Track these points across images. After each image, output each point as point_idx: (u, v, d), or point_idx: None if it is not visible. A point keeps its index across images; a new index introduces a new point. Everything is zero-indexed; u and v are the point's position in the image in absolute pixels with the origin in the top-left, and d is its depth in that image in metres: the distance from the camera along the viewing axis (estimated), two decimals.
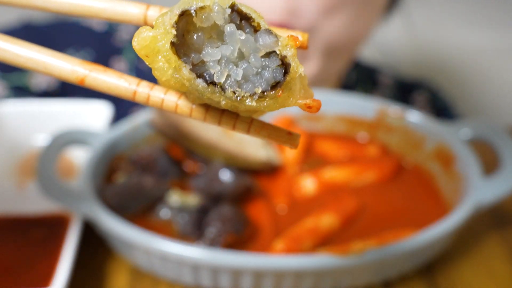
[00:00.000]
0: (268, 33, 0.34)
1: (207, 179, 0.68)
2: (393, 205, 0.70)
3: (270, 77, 0.34)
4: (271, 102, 0.34)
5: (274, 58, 0.34)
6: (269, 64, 0.34)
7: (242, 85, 0.34)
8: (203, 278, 0.60)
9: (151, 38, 0.34)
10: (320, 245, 0.64)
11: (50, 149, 0.66)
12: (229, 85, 0.34)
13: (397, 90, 1.14)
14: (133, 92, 0.39)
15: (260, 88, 0.34)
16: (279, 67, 0.34)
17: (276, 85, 0.34)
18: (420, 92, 1.14)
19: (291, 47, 0.34)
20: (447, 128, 0.73)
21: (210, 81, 0.34)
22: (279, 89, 0.34)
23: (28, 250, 0.63)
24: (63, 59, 0.40)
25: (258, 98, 0.34)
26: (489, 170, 0.80)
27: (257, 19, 0.34)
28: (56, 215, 0.67)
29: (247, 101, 0.34)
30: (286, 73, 0.34)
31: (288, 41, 0.34)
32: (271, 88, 0.34)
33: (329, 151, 0.77)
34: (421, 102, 1.13)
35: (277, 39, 0.34)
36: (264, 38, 0.34)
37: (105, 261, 0.67)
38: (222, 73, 0.34)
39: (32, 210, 0.68)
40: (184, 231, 0.63)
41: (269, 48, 0.34)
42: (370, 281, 0.62)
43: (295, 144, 0.39)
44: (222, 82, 0.34)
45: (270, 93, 0.34)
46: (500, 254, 0.69)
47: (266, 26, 0.34)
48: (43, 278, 0.59)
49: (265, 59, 0.34)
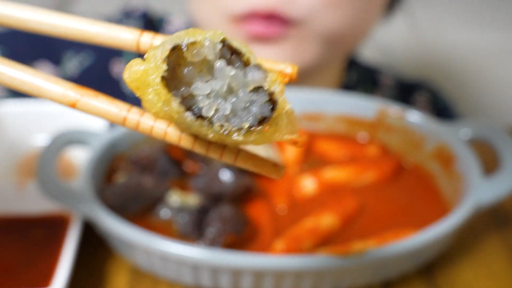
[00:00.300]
0: (257, 68, 0.35)
1: (207, 179, 0.68)
2: (393, 205, 0.70)
3: (258, 112, 0.35)
4: (257, 137, 0.35)
5: (262, 94, 0.35)
6: (257, 99, 0.35)
7: (230, 119, 0.35)
8: (203, 278, 0.60)
9: (142, 72, 0.35)
10: (320, 245, 0.64)
11: (50, 149, 0.66)
12: (217, 119, 0.35)
13: (398, 90, 1.14)
14: (123, 118, 0.40)
15: (248, 123, 0.35)
16: (267, 103, 0.35)
17: (263, 120, 0.35)
18: (421, 93, 1.14)
19: (279, 83, 0.35)
20: (447, 128, 0.73)
21: (199, 114, 0.35)
22: (266, 125, 0.35)
23: (28, 250, 0.63)
24: (56, 83, 0.41)
25: (245, 133, 0.35)
26: (489, 170, 0.80)
27: (247, 54, 0.35)
28: (56, 215, 0.67)
29: (234, 135, 0.35)
30: (273, 109, 0.35)
31: (277, 77, 0.35)
32: (258, 123, 0.35)
33: (329, 151, 0.77)
34: (422, 102, 1.13)
35: (265, 75, 0.35)
36: (253, 73, 0.35)
37: (105, 261, 0.67)
38: (210, 107, 0.35)
39: (32, 210, 0.68)
40: (184, 231, 0.63)
41: (258, 83, 0.35)
42: (370, 281, 0.62)
43: (280, 175, 0.40)
44: (210, 116, 0.35)
45: (257, 128, 0.35)
46: (500, 254, 0.69)
47: (256, 61, 0.35)
48: (43, 278, 0.59)
49: (254, 94, 0.35)
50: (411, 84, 1.16)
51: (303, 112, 0.80)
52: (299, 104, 0.80)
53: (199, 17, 0.90)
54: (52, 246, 0.63)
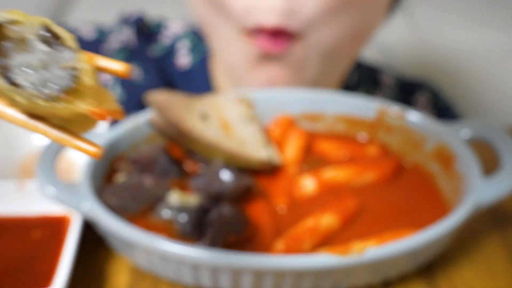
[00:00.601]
0: (71, 50, 0.41)
1: (207, 179, 0.68)
2: (393, 205, 0.70)
3: (64, 84, 0.41)
4: (62, 106, 0.40)
5: (71, 71, 0.41)
6: (66, 75, 0.41)
7: (40, 90, 0.40)
8: (203, 278, 0.60)
9: None
10: (320, 245, 0.64)
11: (50, 149, 0.66)
12: (28, 87, 0.40)
13: (398, 90, 1.14)
14: None
15: (50, 90, 0.40)
16: (74, 78, 0.41)
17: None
18: (421, 93, 1.14)
19: (87, 62, 0.41)
20: (447, 128, 0.73)
21: (12, 82, 0.40)
22: (66, 93, 0.40)
23: (28, 250, 0.63)
24: None
25: (49, 100, 0.40)
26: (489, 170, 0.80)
27: (67, 39, 0.41)
28: (56, 215, 0.67)
29: (40, 102, 0.40)
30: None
31: (85, 58, 0.41)
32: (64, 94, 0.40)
33: (329, 151, 0.78)
34: (423, 102, 1.13)
35: (76, 56, 0.41)
36: (66, 53, 0.41)
37: (105, 261, 0.67)
38: (21, 76, 0.40)
39: (32, 210, 0.68)
40: (184, 231, 0.63)
41: (69, 62, 0.41)
42: (370, 281, 0.62)
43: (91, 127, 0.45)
44: (22, 84, 0.40)
45: (58, 95, 0.40)
46: (500, 254, 0.69)
47: (74, 46, 0.41)
48: (43, 278, 0.59)
49: (65, 71, 0.41)
50: (412, 84, 1.16)
51: (303, 112, 0.80)
52: (299, 104, 0.80)
53: (209, 27, 0.88)
54: (52, 246, 0.63)
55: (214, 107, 0.76)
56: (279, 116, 0.80)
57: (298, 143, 0.76)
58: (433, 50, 1.81)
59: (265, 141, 0.75)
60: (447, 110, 1.16)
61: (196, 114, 0.73)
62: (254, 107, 0.79)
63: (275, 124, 0.79)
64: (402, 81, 1.17)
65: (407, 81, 1.17)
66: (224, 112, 0.76)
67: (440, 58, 1.79)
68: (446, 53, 1.81)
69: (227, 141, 0.71)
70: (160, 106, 0.72)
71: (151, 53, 1.06)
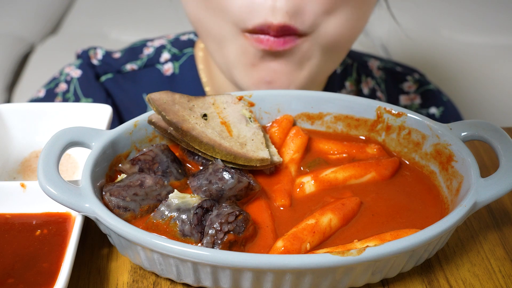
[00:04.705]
0: None
1: (207, 179, 0.68)
2: (393, 204, 0.70)
3: None
4: None
5: None
6: None
7: None
8: (203, 278, 0.60)
9: None
10: (320, 244, 0.64)
11: (50, 149, 0.66)
12: None
13: (387, 75, 1.18)
14: None
15: None
16: None
17: None
18: (409, 78, 1.20)
19: None
20: (447, 128, 0.74)
21: None
22: None
23: (31, 249, 0.63)
24: None
25: None
26: (489, 170, 0.80)
27: None
28: (57, 215, 0.67)
29: None
30: None
31: None
32: None
33: (329, 151, 0.78)
34: (411, 88, 1.17)
35: None
36: None
37: (106, 259, 0.67)
38: None
39: (32, 210, 0.68)
40: (184, 231, 0.63)
41: None
42: (369, 281, 0.63)
43: None
44: None
45: None
46: (500, 254, 0.69)
47: None
48: (44, 278, 0.59)
49: None
50: (399, 71, 1.20)
51: (303, 112, 0.80)
52: (299, 104, 0.80)
53: (204, 28, 0.88)
54: (53, 246, 0.63)
55: (214, 107, 0.76)
56: (279, 116, 0.80)
57: (298, 143, 0.76)
58: (431, 50, 1.81)
59: (265, 141, 0.75)
60: (434, 92, 1.19)
61: (196, 114, 0.74)
62: (254, 107, 0.80)
63: (275, 124, 0.79)
64: (390, 68, 1.20)
65: (395, 69, 1.21)
66: (224, 112, 0.76)
67: (438, 59, 1.79)
68: (445, 53, 1.81)
69: (227, 141, 0.71)
70: (160, 106, 0.72)
71: (134, 67, 1.11)
